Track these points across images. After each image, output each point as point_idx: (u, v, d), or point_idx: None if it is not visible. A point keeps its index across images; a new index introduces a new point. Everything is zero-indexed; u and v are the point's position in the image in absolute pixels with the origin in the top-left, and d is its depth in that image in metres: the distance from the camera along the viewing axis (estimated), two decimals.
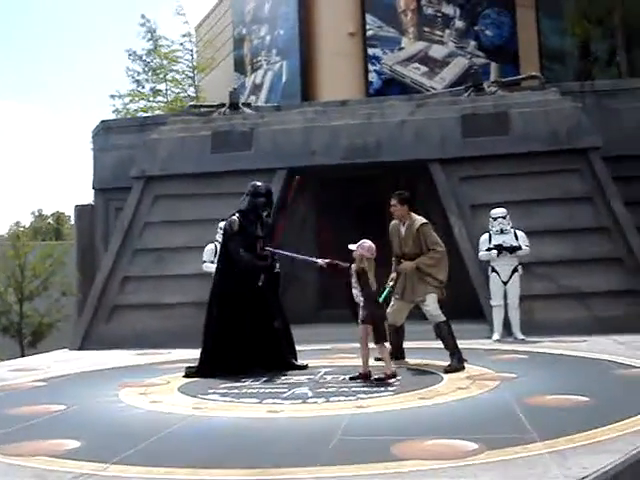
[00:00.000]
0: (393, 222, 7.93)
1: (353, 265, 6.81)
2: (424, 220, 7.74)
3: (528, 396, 5.57)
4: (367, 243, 6.82)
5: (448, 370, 7.10)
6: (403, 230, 7.72)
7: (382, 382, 6.52)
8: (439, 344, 7.66)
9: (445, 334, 7.46)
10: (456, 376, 6.79)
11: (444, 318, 7.50)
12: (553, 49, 20.21)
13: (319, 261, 7.32)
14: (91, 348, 11.57)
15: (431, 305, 7.49)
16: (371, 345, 6.90)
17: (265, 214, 7.87)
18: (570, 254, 11.23)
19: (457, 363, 7.28)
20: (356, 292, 6.73)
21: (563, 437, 4.14)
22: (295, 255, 7.99)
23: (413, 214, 7.78)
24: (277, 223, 8.23)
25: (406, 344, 8.20)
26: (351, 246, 6.86)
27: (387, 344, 6.83)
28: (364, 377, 6.75)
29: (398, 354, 7.97)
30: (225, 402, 5.88)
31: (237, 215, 7.84)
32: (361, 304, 6.70)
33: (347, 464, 3.80)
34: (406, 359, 7.97)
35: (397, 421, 4.96)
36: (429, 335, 8.06)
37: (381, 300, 7.35)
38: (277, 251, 7.80)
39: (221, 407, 5.67)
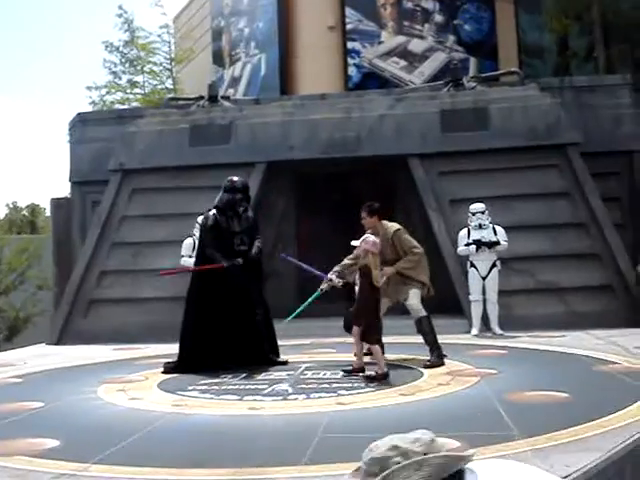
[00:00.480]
0: (368, 232, 7.88)
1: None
2: (397, 226, 7.70)
3: (509, 392, 5.58)
4: (371, 238, 6.81)
5: (428, 365, 7.11)
6: (378, 240, 7.66)
7: (371, 380, 6.48)
8: (418, 339, 7.67)
9: (426, 329, 7.47)
10: (436, 372, 6.80)
11: (425, 313, 7.51)
12: (532, 44, 20.24)
13: (334, 280, 7.26)
14: (68, 343, 11.47)
15: (413, 300, 7.47)
16: None
17: (242, 209, 7.80)
18: (548, 249, 11.29)
19: (437, 359, 7.30)
20: (357, 289, 6.71)
21: (545, 434, 4.15)
22: (309, 268, 7.88)
23: (385, 222, 7.71)
24: None
25: (385, 339, 8.17)
26: (354, 242, 6.86)
27: (377, 346, 6.76)
28: (357, 371, 6.73)
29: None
30: (205, 399, 5.85)
31: (213, 211, 7.77)
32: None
33: (329, 463, 3.78)
34: (385, 354, 7.95)
35: (378, 418, 4.95)
36: (408, 330, 8.06)
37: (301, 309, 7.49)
38: (291, 260, 7.76)
39: (201, 404, 5.64)
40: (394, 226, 7.70)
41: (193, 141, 12.84)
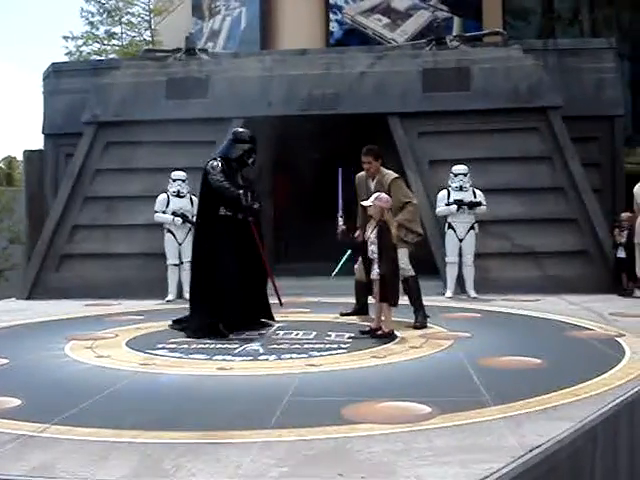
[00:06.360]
0: (360, 174, 7.67)
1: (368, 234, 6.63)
2: (395, 174, 7.54)
3: (482, 357, 5.53)
4: (383, 195, 6.65)
5: (417, 327, 7.09)
6: (372, 185, 7.43)
7: (378, 336, 6.48)
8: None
9: (412, 290, 7.37)
10: (410, 334, 6.73)
11: (413, 273, 7.40)
12: (517, 6, 19.99)
13: (340, 223, 7.08)
14: (39, 298, 11.28)
15: (402, 259, 7.26)
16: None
17: (251, 161, 7.39)
18: (526, 213, 11.23)
19: (422, 319, 7.25)
20: (373, 248, 6.49)
21: (517, 402, 4.08)
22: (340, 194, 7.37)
23: (383, 168, 7.55)
24: None
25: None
26: (365, 202, 6.67)
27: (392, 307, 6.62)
28: (375, 331, 6.63)
29: (362, 310, 7.93)
30: (174, 358, 5.73)
31: (219, 160, 7.26)
32: (376, 259, 6.47)
33: (297, 427, 3.70)
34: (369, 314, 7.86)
35: (349, 381, 4.87)
36: None
37: (338, 268, 7.32)
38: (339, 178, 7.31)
39: (169, 364, 5.52)
40: (392, 174, 7.52)
41: (169, 94, 12.54)
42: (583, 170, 11.38)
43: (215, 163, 7.21)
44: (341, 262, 7.65)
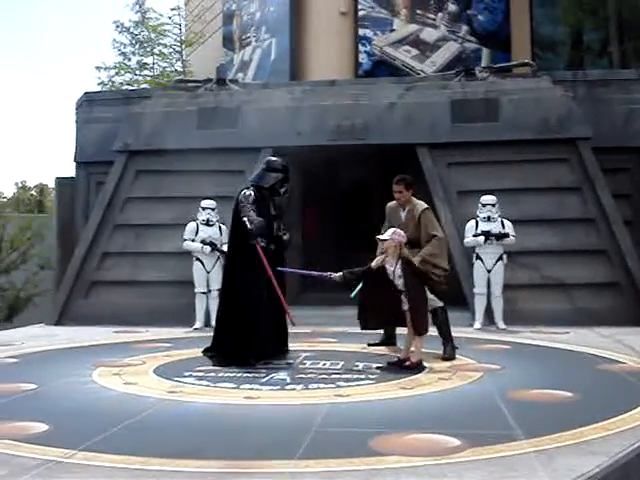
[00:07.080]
0: (391, 204, 7.69)
1: (376, 262, 6.58)
2: (426, 205, 7.53)
3: (512, 389, 5.46)
4: (399, 230, 6.65)
5: (446, 358, 7.02)
6: (403, 215, 7.47)
7: (406, 367, 6.42)
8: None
9: (441, 321, 7.31)
10: (438, 366, 6.68)
11: (442, 304, 7.34)
12: (546, 37, 19.98)
13: (334, 275, 6.82)
14: (68, 324, 11.37)
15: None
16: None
17: (283, 190, 7.38)
18: (555, 244, 11.14)
19: (451, 351, 7.19)
20: (401, 282, 6.42)
21: (548, 435, 4.02)
22: (305, 272, 7.54)
23: (414, 198, 7.56)
24: None
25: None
26: (381, 237, 6.62)
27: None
28: (402, 362, 6.57)
29: (390, 340, 7.88)
30: (201, 386, 5.73)
31: (252, 189, 7.25)
32: (405, 290, 6.42)
33: (324, 458, 3.67)
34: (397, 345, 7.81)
35: (377, 412, 4.83)
36: None
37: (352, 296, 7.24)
38: (286, 269, 7.32)
39: (197, 392, 5.52)
40: (423, 204, 7.51)
41: (200, 124, 12.67)
42: (614, 201, 11.28)
43: (248, 192, 7.22)
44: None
